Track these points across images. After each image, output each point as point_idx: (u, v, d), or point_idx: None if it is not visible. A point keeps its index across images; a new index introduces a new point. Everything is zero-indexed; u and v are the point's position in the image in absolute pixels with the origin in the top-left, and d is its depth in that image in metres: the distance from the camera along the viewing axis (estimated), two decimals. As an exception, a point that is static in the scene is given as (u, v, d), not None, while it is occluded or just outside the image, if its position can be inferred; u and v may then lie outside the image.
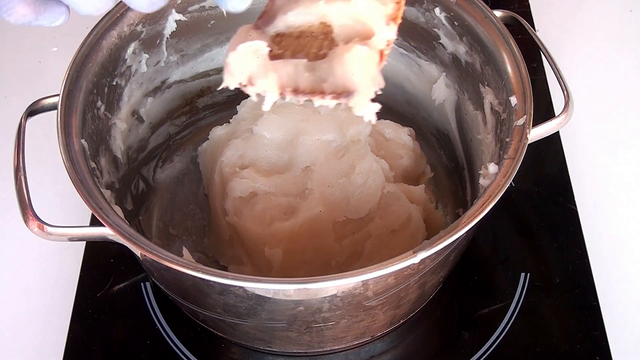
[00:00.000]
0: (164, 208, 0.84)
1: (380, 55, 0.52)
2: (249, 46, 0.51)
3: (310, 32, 0.54)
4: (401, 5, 0.54)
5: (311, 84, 0.51)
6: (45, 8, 0.45)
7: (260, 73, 0.51)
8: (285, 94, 0.52)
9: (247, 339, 0.72)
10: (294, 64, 0.52)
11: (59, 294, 0.79)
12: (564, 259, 0.79)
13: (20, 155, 0.61)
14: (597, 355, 0.72)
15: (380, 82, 0.51)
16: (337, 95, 0.50)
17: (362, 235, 0.73)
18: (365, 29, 0.53)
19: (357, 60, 0.50)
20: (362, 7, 0.52)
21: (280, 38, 0.54)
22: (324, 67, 0.51)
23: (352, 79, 0.50)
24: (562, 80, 0.66)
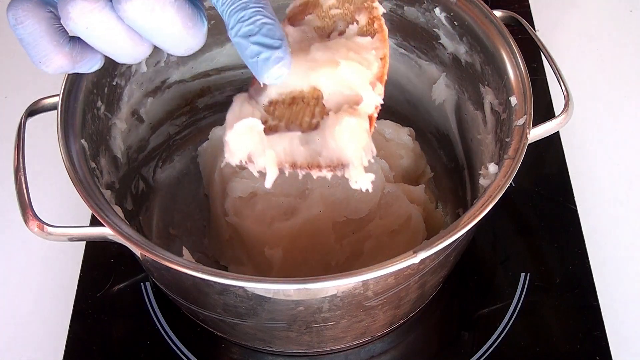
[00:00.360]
0: (164, 208, 0.84)
1: (370, 121, 0.53)
2: (244, 124, 0.53)
3: (302, 98, 0.55)
4: (386, 61, 0.56)
5: (307, 159, 0.53)
6: (82, 57, 0.46)
7: (258, 151, 0.53)
8: (284, 169, 0.53)
9: (247, 339, 0.72)
10: (289, 138, 0.53)
11: (59, 294, 0.79)
12: (564, 259, 0.79)
13: (20, 155, 0.61)
14: (597, 355, 0.72)
15: (373, 149, 0.52)
16: (333, 167, 0.52)
17: (362, 235, 0.73)
18: (354, 93, 0.54)
19: (347, 132, 0.51)
20: (347, 73, 0.53)
21: (274, 107, 0.56)
22: (317, 140, 0.52)
23: (344, 151, 0.51)
24: (562, 80, 0.66)
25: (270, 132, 0.54)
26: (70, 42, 0.46)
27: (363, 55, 0.55)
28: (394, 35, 0.81)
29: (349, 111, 0.52)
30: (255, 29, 0.45)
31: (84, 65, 0.47)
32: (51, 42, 0.45)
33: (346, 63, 0.53)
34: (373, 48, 0.56)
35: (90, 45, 0.46)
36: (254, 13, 0.45)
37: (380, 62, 0.55)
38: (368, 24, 0.58)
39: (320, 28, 0.60)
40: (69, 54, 0.46)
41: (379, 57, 0.55)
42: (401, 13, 0.78)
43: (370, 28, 0.58)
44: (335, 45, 0.56)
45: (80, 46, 0.46)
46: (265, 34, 0.45)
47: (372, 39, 0.57)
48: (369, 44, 0.56)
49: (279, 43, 0.46)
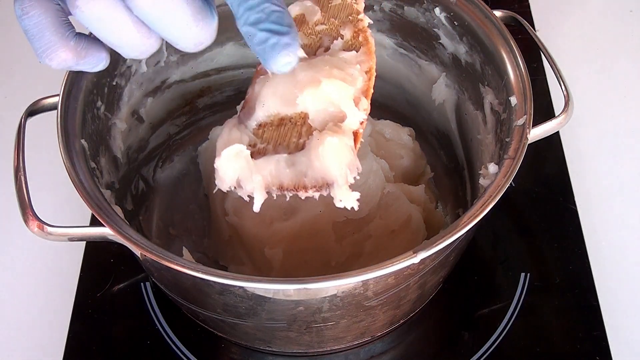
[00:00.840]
0: (164, 208, 0.84)
1: (355, 137, 0.54)
2: (231, 151, 0.53)
3: (289, 119, 0.56)
4: (372, 74, 0.56)
5: (293, 180, 0.53)
6: (86, 53, 0.46)
7: (246, 176, 0.54)
8: (272, 192, 0.54)
9: (247, 339, 0.72)
10: (275, 161, 0.53)
11: (59, 294, 0.79)
12: (564, 259, 0.79)
13: (20, 155, 0.61)
14: (597, 355, 0.72)
15: (358, 166, 0.53)
16: (318, 188, 0.52)
17: (362, 235, 0.73)
18: (338, 110, 0.54)
19: (330, 152, 0.52)
20: (330, 91, 0.54)
21: (263, 129, 0.56)
22: (303, 161, 0.53)
23: (328, 171, 0.52)
24: (562, 80, 0.66)
25: (259, 156, 0.54)
26: (76, 36, 0.45)
27: (347, 70, 0.55)
28: (394, 35, 0.81)
29: (333, 129, 0.53)
30: (263, 16, 0.45)
31: (88, 63, 0.47)
32: (56, 34, 0.44)
33: (328, 81, 0.54)
34: (358, 62, 0.56)
35: (96, 43, 0.46)
36: (263, 1, 0.45)
37: (366, 75, 0.56)
38: (353, 37, 0.59)
39: (307, 46, 0.60)
40: (74, 49, 0.45)
41: (364, 71, 0.56)
42: (401, 13, 0.78)
43: (356, 41, 0.59)
44: (319, 63, 0.56)
45: (86, 42, 0.46)
46: (273, 21, 0.45)
47: (357, 52, 0.57)
48: (353, 58, 0.57)
49: (287, 29, 0.45)
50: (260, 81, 0.58)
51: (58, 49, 0.44)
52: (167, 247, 0.67)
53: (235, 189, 0.54)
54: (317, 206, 0.73)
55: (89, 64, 0.47)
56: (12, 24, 0.46)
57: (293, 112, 0.56)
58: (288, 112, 0.56)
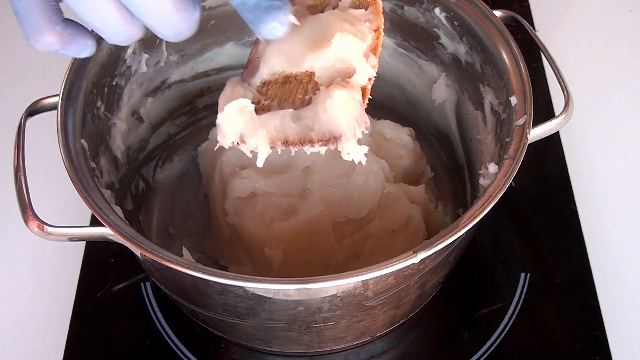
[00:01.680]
0: (164, 208, 0.84)
1: (364, 92, 0.53)
2: (234, 105, 0.52)
3: (295, 76, 0.55)
4: (380, 32, 0.55)
5: (299, 134, 0.52)
6: (72, 39, 0.46)
7: (250, 130, 0.53)
8: (276, 147, 0.53)
9: (247, 339, 0.72)
10: (280, 115, 0.53)
11: (59, 294, 0.79)
12: (564, 259, 0.79)
13: (20, 155, 0.61)
14: (597, 355, 0.72)
15: (366, 121, 0.52)
16: (325, 142, 0.52)
17: (362, 235, 0.73)
18: (347, 66, 0.53)
19: (338, 105, 0.51)
20: (341, 45, 0.53)
21: (267, 87, 0.55)
22: (309, 115, 0.52)
23: (336, 124, 0.51)
24: (562, 80, 0.66)
25: (263, 112, 0.53)
26: (63, 22, 0.46)
27: (357, 26, 0.54)
28: (394, 35, 0.81)
29: (341, 84, 0.52)
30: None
31: (73, 48, 0.47)
32: (44, 18, 0.45)
33: (340, 35, 0.53)
34: (367, 20, 0.55)
35: (82, 30, 0.47)
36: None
37: (374, 33, 0.55)
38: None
39: (313, 6, 0.59)
40: (60, 33, 0.46)
41: (373, 29, 0.55)
42: (401, 13, 0.78)
43: (363, 1, 0.57)
44: (328, 17, 0.55)
45: (72, 28, 0.46)
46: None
47: (365, 11, 0.56)
48: (362, 15, 0.56)
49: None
50: (261, 41, 0.57)
51: (44, 33, 0.45)
52: (167, 247, 0.67)
53: (238, 144, 0.53)
54: (317, 206, 0.73)
55: (75, 50, 0.47)
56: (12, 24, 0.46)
57: (299, 70, 0.55)
58: (293, 70, 0.55)
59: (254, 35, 0.83)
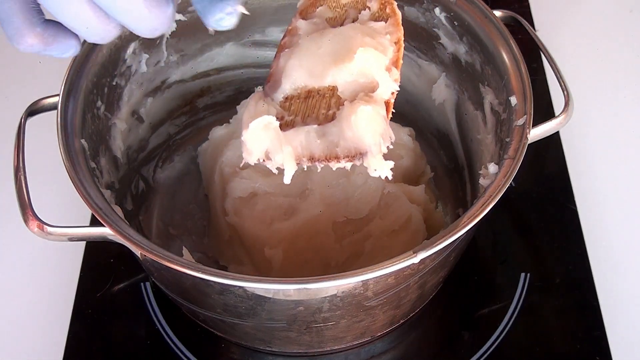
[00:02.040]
0: (164, 208, 0.84)
1: (387, 107, 0.53)
2: (259, 123, 0.52)
3: (317, 91, 0.55)
4: (400, 45, 0.55)
5: (325, 151, 0.52)
6: (54, 39, 0.47)
7: (276, 147, 0.53)
8: (302, 164, 0.53)
9: (247, 339, 0.72)
10: (305, 132, 0.53)
11: (59, 294, 0.79)
12: (564, 259, 0.79)
13: (20, 155, 0.61)
14: (597, 355, 0.72)
15: (391, 135, 0.52)
16: (351, 157, 0.52)
17: (362, 235, 0.73)
18: (369, 80, 0.53)
19: (363, 121, 0.51)
20: (363, 60, 0.53)
21: (290, 102, 0.55)
22: (334, 131, 0.52)
23: (362, 140, 0.51)
24: (562, 80, 0.66)
25: (287, 128, 0.53)
26: (43, 23, 0.46)
27: (378, 40, 0.54)
28: (394, 35, 0.81)
29: (365, 99, 0.52)
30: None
31: (55, 49, 0.48)
32: (24, 21, 0.45)
33: (362, 50, 0.52)
34: (387, 32, 0.55)
35: (64, 30, 0.47)
36: None
37: (395, 46, 0.55)
38: (380, 10, 0.57)
39: (332, 19, 0.59)
40: (40, 35, 0.46)
41: (393, 42, 0.55)
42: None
43: (383, 13, 0.57)
44: (350, 30, 0.55)
45: (53, 29, 0.47)
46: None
47: (385, 23, 0.56)
48: (382, 28, 0.56)
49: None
50: (285, 54, 0.57)
51: (25, 35, 0.46)
52: (167, 247, 0.67)
53: (263, 161, 0.53)
54: (317, 206, 0.73)
55: (57, 50, 0.48)
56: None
57: (321, 85, 0.55)
58: (316, 85, 0.55)
59: (254, 36, 0.84)
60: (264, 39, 0.84)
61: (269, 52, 0.86)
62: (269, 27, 0.83)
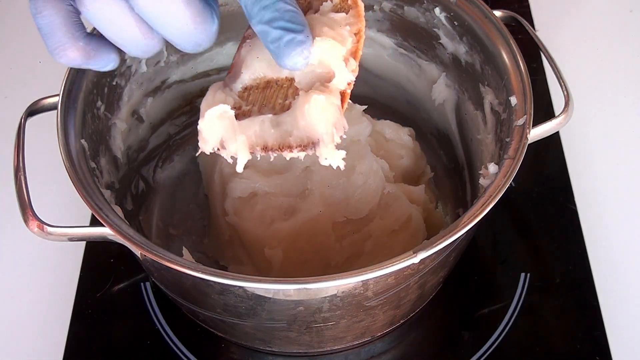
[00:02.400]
0: (164, 208, 0.84)
1: (343, 97, 0.53)
2: (214, 111, 0.53)
3: (276, 81, 0.56)
4: (361, 36, 0.55)
5: (278, 140, 0.53)
6: (95, 53, 0.48)
7: (230, 136, 0.53)
8: (256, 153, 0.53)
9: (247, 339, 0.72)
10: (260, 121, 0.53)
11: (59, 294, 0.79)
12: (564, 259, 0.79)
13: (20, 155, 0.61)
14: (597, 355, 0.72)
15: (345, 125, 0.52)
16: (304, 147, 0.52)
17: (362, 235, 0.73)
18: (327, 71, 0.54)
19: (316, 110, 0.51)
20: (321, 50, 0.53)
21: (248, 92, 0.56)
22: (288, 121, 0.53)
23: (314, 129, 0.51)
24: (562, 80, 0.66)
25: (244, 117, 0.54)
26: (86, 37, 0.47)
27: (337, 30, 0.54)
28: (394, 35, 0.81)
29: (320, 89, 0.52)
30: (278, 15, 0.46)
31: (97, 63, 0.48)
32: (67, 34, 0.46)
33: (319, 40, 0.52)
34: (347, 24, 0.56)
35: (105, 44, 0.47)
36: (277, 0, 0.46)
37: (355, 37, 0.55)
38: (342, 1, 0.58)
39: None
40: (83, 48, 0.47)
41: (354, 33, 0.55)
42: (401, 13, 0.78)
43: (345, 4, 0.58)
44: (310, 21, 0.54)
45: (96, 43, 0.47)
46: (288, 20, 0.46)
47: (346, 14, 0.57)
48: (342, 19, 0.56)
49: (301, 28, 0.47)
50: (246, 45, 0.58)
51: (67, 49, 0.46)
52: (167, 247, 0.67)
53: (218, 150, 0.54)
54: (317, 206, 0.73)
55: (98, 64, 0.48)
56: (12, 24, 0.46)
57: (279, 76, 0.55)
58: (274, 75, 0.55)
59: (254, 36, 0.84)
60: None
61: (269, 52, 0.86)
62: (269, 27, 0.83)
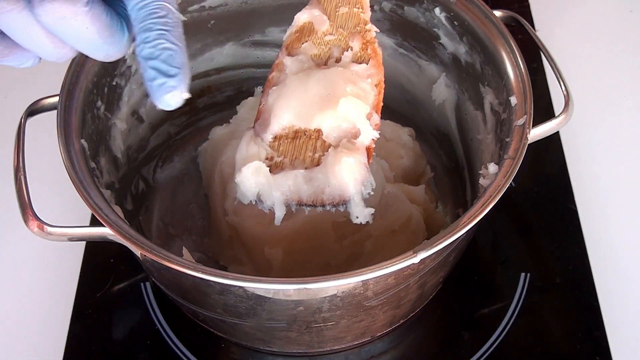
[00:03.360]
0: (164, 208, 0.84)
1: (368, 152, 0.58)
2: (250, 168, 0.57)
3: (304, 131, 0.59)
4: (381, 87, 0.59)
5: (311, 196, 0.57)
6: (9, 52, 0.48)
7: (266, 191, 0.58)
8: (292, 207, 0.58)
9: (247, 339, 0.72)
10: (293, 176, 0.57)
11: (59, 294, 0.79)
12: (564, 259, 0.79)
13: (20, 155, 0.61)
14: (597, 355, 0.72)
15: (372, 182, 0.57)
16: (335, 204, 0.57)
17: (362, 235, 0.73)
18: (352, 126, 0.58)
19: (346, 171, 0.56)
20: (346, 109, 0.57)
21: (279, 142, 0.60)
22: (320, 177, 0.57)
23: (346, 188, 0.56)
24: (562, 80, 0.66)
25: (277, 170, 0.58)
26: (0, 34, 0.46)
27: (360, 85, 0.58)
28: (394, 35, 0.81)
29: (348, 147, 0.56)
30: (155, 53, 0.45)
31: (12, 60, 0.48)
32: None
33: (344, 100, 0.56)
34: (369, 76, 0.59)
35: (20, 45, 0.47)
36: (158, 36, 0.45)
37: (376, 89, 0.59)
38: (362, 49, 0.61)
39: (316, 56, 0.62)
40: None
41: (374, 84, 0.58)
42: (401, 13, 0.78)
43: (365, 53, 0.61)
44: (333, 75, 0.59)
45: (10, 42, 0.47)
46: (163, 60, 0.45)
47: (367, 65, 0.59)
48: (364, 71, 0.59)
49: (175, 71, 0.45)
50: (272, 92, 0.61)
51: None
52: (167, 247, 0.67)
53: (256, 202, 0.58)
54: (317, 206, 0.73)
55: (14, 61, 0.49)
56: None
57: (307, 126, 0.59)
58: (302, 125, 0.59)
59: (254, 36, 0.84)
60: (263, 39, 0.84)
61: (269, 52, 0.86)
62: (269, 27, 0.83)
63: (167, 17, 0.45)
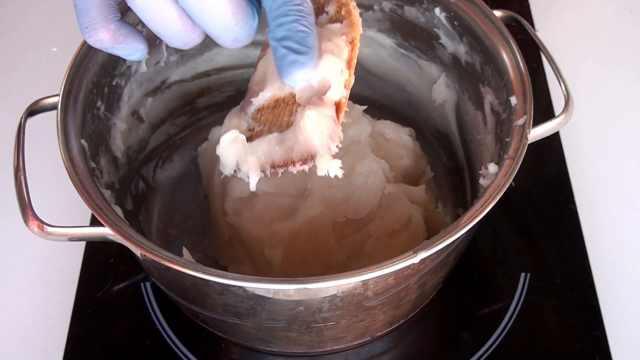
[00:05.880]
0: (164, 208, 0.84)
1: (338, 107, 0.56)
2: (227, 137, 0.58)
3: (282, 99, 0.59)
4: (355, 44, 0.58)
5: (283, 156, 0.56)
6: (124, 40, 0.49)
7: (242, 158, 0.58)
8: (266, 171, 0.58)
9: (247, 339, 0.72)
10: (267, 140, 0.57)
11: (59, 294, 0.79)
12: (564, 259, 0.79)
13: (20, 155, 0.61)
14: (597, 355, 0.72)
15: (340, 135, 0.55)
16: (304, 161, 0.55)
17: (362, 235, 0.73)
18: (323, 83, 0.56)
19: (310, 124, 0.54)
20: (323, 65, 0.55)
21: (260, 113, 0.60)
22: (290, 137, 0.56)
23: (311, 142, 0.55)
24: (562, 80, 0.66)
25: (256, 138, 0.58)
26: (118, 21, 0.48)
27: (334, 41, 0.57)
28: (394, 35, 0.81)
29: (315, 102, 0.55)
30: (289, 34, 0.48)
31: (123, 49, 0.49)
32: (100, 14, 0.47)
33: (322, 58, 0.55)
34: (343, 33, 0.58)
35: (135, 34, 0.49)
36: (293, 20, 0.48)
37: (350, 45, 0.57)
38: (337, 12, 0.60)
39: None
40: (113, 32, 0.48)
41: (348, 41, 0.57)
42: (401, 13, 0.78)
43: (339, 15, 0.60)
44: None
45: (126, 30, 0.48)
46: (296, 41, 0.48)
47: (341, 24, 0.59)
48: (338, 29, 0.58)
49: (306, 50, 0.49)
50: (259, 66, 0.61)
51: (98, 29, 0.47)
52: (167, 247, 0.67)
53: (236, 172, 0.58)
54: (317, 206, 0.73)
55: (125, 51, 0.50)
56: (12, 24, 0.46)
57: (284, 93, 0.58)
58: (281, 94, 0.58)
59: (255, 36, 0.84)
60: (264, 39, 0.84)
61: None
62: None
63: (302, 5, 0.48)
